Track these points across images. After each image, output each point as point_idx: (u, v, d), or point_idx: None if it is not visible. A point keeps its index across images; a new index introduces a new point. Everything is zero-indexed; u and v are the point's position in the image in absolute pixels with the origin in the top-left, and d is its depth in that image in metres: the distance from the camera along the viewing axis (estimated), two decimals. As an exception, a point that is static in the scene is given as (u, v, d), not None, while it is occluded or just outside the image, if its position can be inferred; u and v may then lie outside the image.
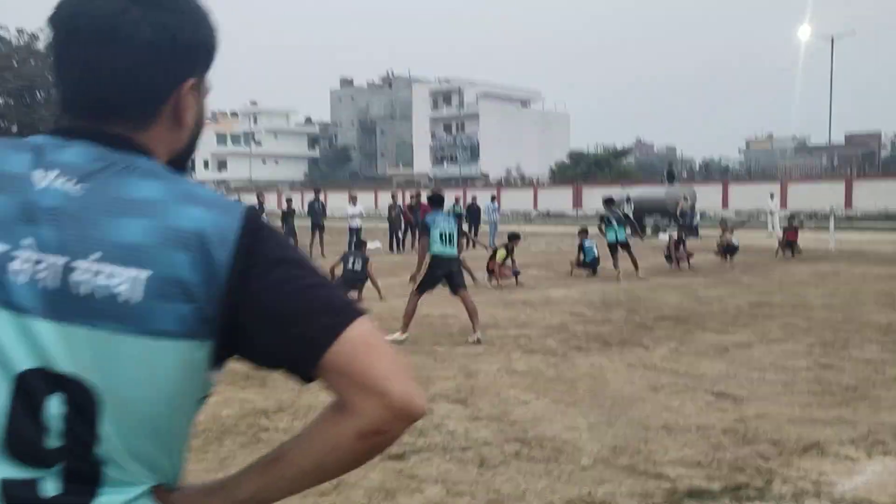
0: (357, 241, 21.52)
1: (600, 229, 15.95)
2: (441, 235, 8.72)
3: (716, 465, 4.42)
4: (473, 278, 12.92)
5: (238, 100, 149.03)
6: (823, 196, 38.65)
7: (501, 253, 14.53)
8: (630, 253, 15.32)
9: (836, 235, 23.29)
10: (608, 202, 16.76)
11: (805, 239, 21.68)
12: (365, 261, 12.53)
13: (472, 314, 8.60)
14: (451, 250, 8.83)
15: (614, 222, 15.68)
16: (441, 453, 4.60)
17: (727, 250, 18.80)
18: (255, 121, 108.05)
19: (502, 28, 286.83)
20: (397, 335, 8.28)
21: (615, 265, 14.93)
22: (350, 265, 12.42)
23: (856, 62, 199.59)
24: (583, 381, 6.50)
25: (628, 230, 16.03)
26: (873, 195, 40.67)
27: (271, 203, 47.20)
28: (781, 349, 7.86)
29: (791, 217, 22.67)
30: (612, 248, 15.44)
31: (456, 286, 8.84)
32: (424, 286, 8.84)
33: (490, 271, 14.17)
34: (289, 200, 22.43)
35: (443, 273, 8.78)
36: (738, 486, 4.07)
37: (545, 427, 5.14)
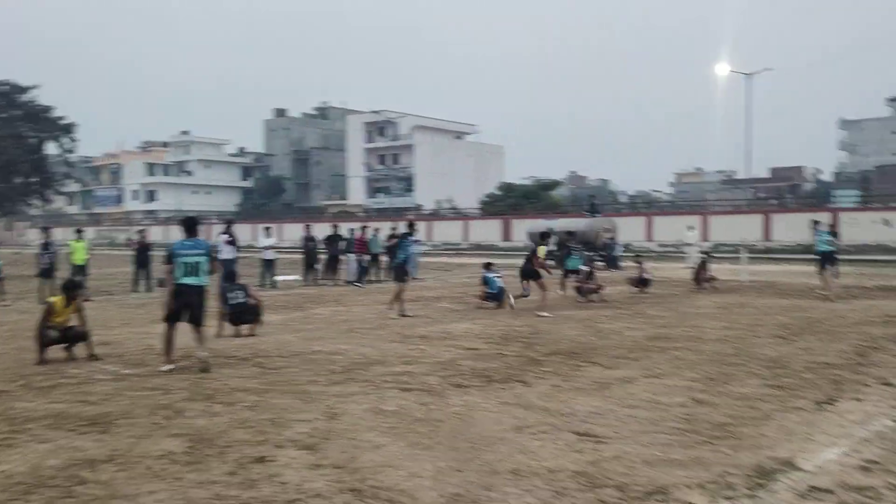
0: (228, 273, 20.68)
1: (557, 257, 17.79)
2: (186, 265, 8.66)
3: (551, 513, 4.22)
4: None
5: (169, 130, 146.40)
6: (743, 228, 39.62)
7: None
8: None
9: (753, 267, 23.77)
10: (545, 235, 16.49)
11: (721, 271, 22.04)
12: (245, 290, 12.14)
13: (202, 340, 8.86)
14: (193, 280, 8.71)
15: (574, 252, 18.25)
16: (263, 508, 4.30)
17: (640, 283, 19.01)
18: (188, 151, 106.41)
19: (438, 61, 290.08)
20: (163, 367, 8.54)
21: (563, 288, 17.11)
22: (231, 300, 11.96)
23: (785, 98, 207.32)
24: (449, 421, 6.27)
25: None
26: (791, 228, 41.88)
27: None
28: (663, 384, 7.78)
29: (704, 253, 23.05)
30: (567, 273, 17.75)
31: (194, 319, 8.79)
32: (170, 316, 8.77)
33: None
34: (140, 232, 21.88)
35: (183, 303, 8.73)
36: (565, 538, 3.87)
37: (388, 474, 4.88)
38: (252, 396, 7.22)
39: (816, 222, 20.04)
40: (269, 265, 21.95)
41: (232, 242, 19.03)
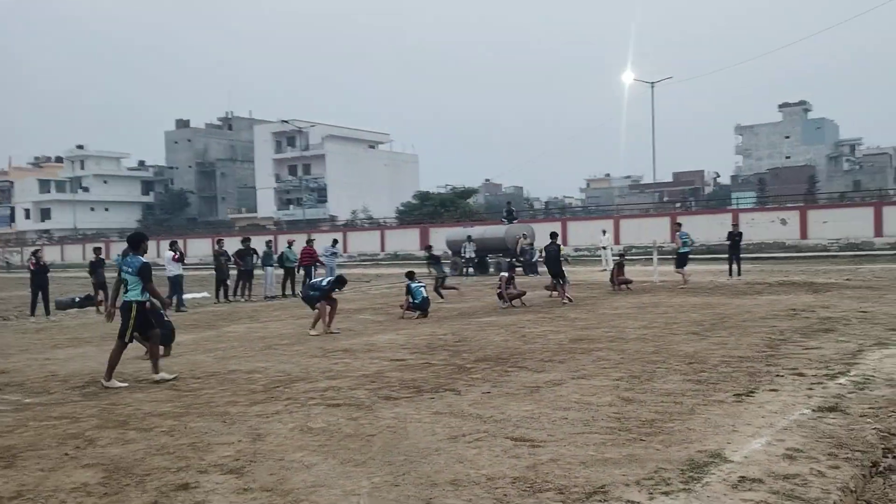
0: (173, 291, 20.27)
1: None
2: (125, 281, 8.92)
3: (493, 522, 4.14)
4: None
5: (63, 144, 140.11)
6: (651, 231, 40.79)
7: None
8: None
9: (661, 268, 24.45)
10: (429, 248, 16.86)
11: (633, 272, 22.60)
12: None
13: (153, 356, 9.17)
14: (128, 296, 8.91)
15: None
16: (192, 536, 4.06)
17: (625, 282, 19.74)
18: (83, 166, 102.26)
19: (348, 71, 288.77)
20: (106, 382, 8.70)
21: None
22: (167, 317, 11.54)
23: (683, 105, 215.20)
24: (381, 435, 6.12)
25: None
26: (694, 229, 43.37)
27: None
28: (590, 385, 7.84)
29: (619, 255, 23.63)
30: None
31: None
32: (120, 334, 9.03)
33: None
34: (97, 249, 20.97)
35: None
36: (510, 547, 3.80)
37: (321, 495, 4.70)
38: (168, 421, 6.88)
39: (679, 225, 21.44)
40: (175, 282, 21.17)
41: (179, 259, 19.68)
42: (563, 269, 18.23)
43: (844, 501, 4.40)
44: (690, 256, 21.52)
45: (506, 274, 17.84)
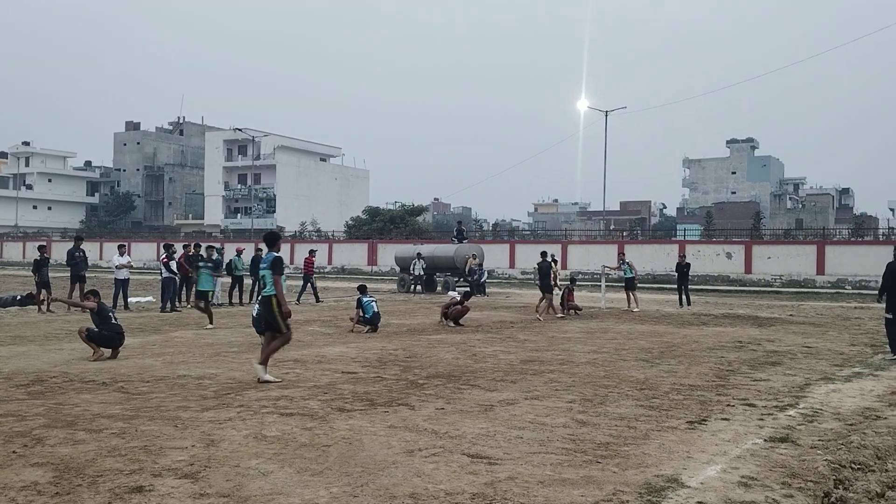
0: (118, 292, 20.07)
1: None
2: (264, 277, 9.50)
3: (456, 537, 4.12)
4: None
5: (8, 140, 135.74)
6: (599, 257, 41.38)
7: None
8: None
9: (609, 294, 24.81)
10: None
11: (581, 297, 22.87)
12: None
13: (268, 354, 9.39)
14: (266, 291, 9.39)
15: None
16: (148, 541, 3.95)
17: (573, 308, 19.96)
18: (28, 163, 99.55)
19: (300, 83, 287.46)
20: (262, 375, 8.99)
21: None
22: (114, 320, 11.28)
23: (633, 136, 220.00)
24: (337, 446, 6.05)
25: None
26: (641, 258, 44.13)
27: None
28: (544, 406, 7.88)
29: (570, 280, 23.90)
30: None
31: (269, 327, 9.54)
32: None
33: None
34: (41, 248, 20.35)
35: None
36: (475, 561, 3.78)
37: (280, 503, 4.62)
38: (118, 423, 6.70)
39: (622, 254, 22.53)
40: (123, 286, 20.68)
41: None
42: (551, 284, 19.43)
43: (799, 528, 4.50)
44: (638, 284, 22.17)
45: (456, 295, 17.83)
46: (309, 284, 25.21)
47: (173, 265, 20.50)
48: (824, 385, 9.48)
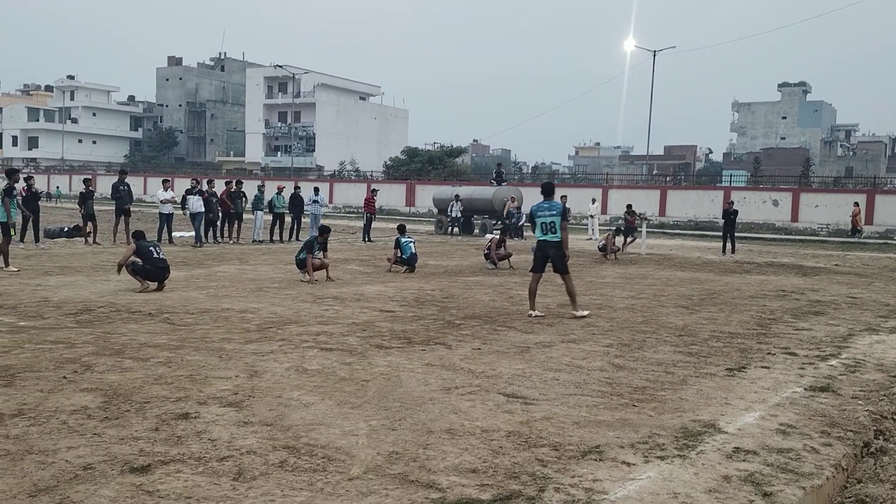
0: (162, 226, 20.49)
1: None
2: (543, 224, 10.18)
3: (492, 472, 4.19)
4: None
5: (54, 73, 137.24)
6: (640, 203, 40.87)
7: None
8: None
9: (649, 241, 24.57)
10: None
11: (620, 243, 22.69)
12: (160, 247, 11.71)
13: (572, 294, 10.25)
14: (551, 237, 10.15)
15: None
16: (194, 465, 4.08)
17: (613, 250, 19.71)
18: (73, 97, 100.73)
19: (342, 21, 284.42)
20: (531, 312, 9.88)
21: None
22: (157, 254, 11.47)
23: (680, 78, 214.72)
24: (375, 381, 6.15)
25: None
26: (684, 204, 43.54)
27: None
28: (580, 349, 7.90)
29: (616, 227, 23.86)
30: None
31: (559, 269, 10.32)
32: (535, 267, 10.47)
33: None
34: (86, 181, 20.69)
35: (544, 256, 10.30)
36: (510, 496, 3.84)
37: (321, 433, 4.73)
38: (164, 352, 6.88)
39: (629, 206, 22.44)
40: (167, 220, 21.01)
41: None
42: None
43: (837, 478, 4.48)
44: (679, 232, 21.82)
45: (496, 235, 17.83)
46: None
47: (193, 201, 20.70)
48: (868, 336, 9.34)
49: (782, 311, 11.30)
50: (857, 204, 36.04)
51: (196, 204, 20.75)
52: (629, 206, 25.66)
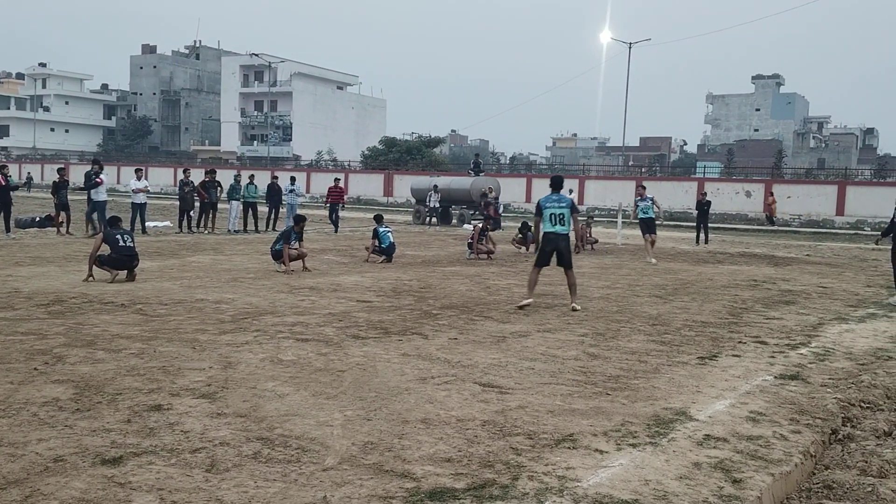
0: (136, 217, 20.30)
1: None
2: (552, 216, 10.14)
3: (466, 461, 4.21)
4: None
5: (25, 61, 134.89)
6: (616, 193, 41.08)
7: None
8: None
9: (624, 231, 24.71)
10: None
11: (596, 233, 22.80)
12: (131, 235, 11.61)
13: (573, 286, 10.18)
14: (560, 229, 10.07)
15: None
16: (166, 457, 4.06)
17: (523, 242, 19.43)
18: (44, 85, 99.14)
19: (319, 9, 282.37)
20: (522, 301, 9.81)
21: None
22: (123, 242, 11.34)
23: (655, 70, 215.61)
24: (351, 371, 6.15)
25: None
26: (659, 195, 43.75)
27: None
28: (556, 338, 7.95)
29: (588, 216, 23.79)
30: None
31: (564, 263, 10.22)
32: (539, 260, 10.26)
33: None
34: (60, 170, 20.42)
35: (552, 249, 10.08)
36: (484, 484, 3.87)
37: (296, 423, 4.73)
38: (137, 344, 6.83)
39: (642, 186, 21.35)
40: (139, 210, 20.81)
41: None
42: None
43: (805, 465, 4.55)
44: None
45: (479, 224, 17.88)
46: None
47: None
48: (837, 325, 9.49)
49: (754, 300, 11.45)
50: (772, 194, 38.08)
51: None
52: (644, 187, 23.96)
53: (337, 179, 27.48)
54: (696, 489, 3.96)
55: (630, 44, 52.22)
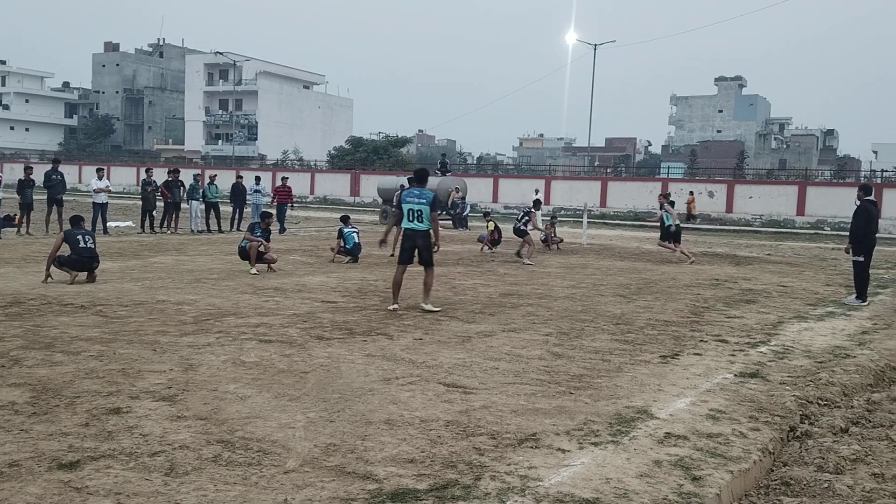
0: (97, 217, 20.00)
1: None
2: (410, 212, 9.55)
3: (429, 461, 4.21)
4: None
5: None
6: (582, 194, 41.40)
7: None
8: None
9: (590, 231, 24.89)
10: None
11: (562, 233, 22.96)
12: (92, 236, 11.41)
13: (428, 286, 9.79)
14: (417, 225, 9.52)
15: None
16: (125, 460, 4.00)
17: (493, 243, 19.52)
18: (3, 82, 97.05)
19: (285, 8, 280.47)
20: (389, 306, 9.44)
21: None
22: (84, 243, 11.15)
23: (620, 71, 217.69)
24: (315, 373, 6.11)
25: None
26: (624, 195, 44.25)
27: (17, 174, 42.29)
28: (520, 338, 7.98)
29: (551, 216, 23.90)
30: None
31: (424, 261, 9.70)
32: (402, 258, 9.78)
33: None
34: (27, 169, 20.02)
35: (411, 246, 9.64)
36: (446, 485, 3.87)
37: (257, 426, 4.69)
38: (96, 346, 6.72)
39: (664, 195, 20.93)
40: (101, 210, 20.47)
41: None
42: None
43: (763, 462, 4.62)
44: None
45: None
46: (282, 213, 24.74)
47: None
48: (797, 323, 9.65)
49: (715, 299, 11.60)
50: (692, 193, 39.25)
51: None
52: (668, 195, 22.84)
53: (284, 178, 26.38)
54: (657, 487, 4.00)
55: (595, 45, 52.68)
